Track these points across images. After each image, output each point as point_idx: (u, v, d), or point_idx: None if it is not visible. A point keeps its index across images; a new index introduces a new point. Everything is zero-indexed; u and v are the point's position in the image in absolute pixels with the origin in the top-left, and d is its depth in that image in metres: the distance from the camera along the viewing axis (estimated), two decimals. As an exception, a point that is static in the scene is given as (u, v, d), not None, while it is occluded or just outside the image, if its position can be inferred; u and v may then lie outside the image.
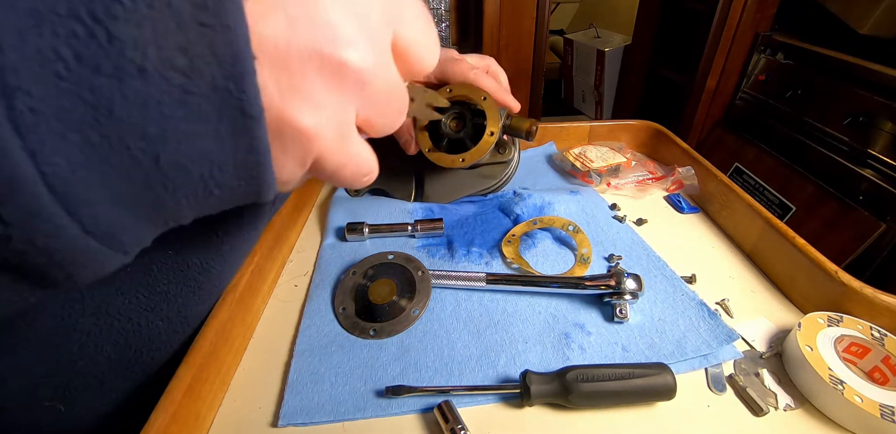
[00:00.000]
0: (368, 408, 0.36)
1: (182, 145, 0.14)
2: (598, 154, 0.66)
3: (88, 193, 0.13)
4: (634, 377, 0.35)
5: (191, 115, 0.14)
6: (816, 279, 0.43)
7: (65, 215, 0.12)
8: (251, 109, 0.14)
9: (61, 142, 0.12)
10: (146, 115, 0.13)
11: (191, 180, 0.15)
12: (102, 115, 0.12)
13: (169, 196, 0.15)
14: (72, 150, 0.12)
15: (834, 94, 1.13)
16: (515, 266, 0.50)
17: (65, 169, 0.12)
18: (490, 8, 1.58)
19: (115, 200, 0.13)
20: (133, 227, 0.14)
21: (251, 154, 0.15)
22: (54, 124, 0.12)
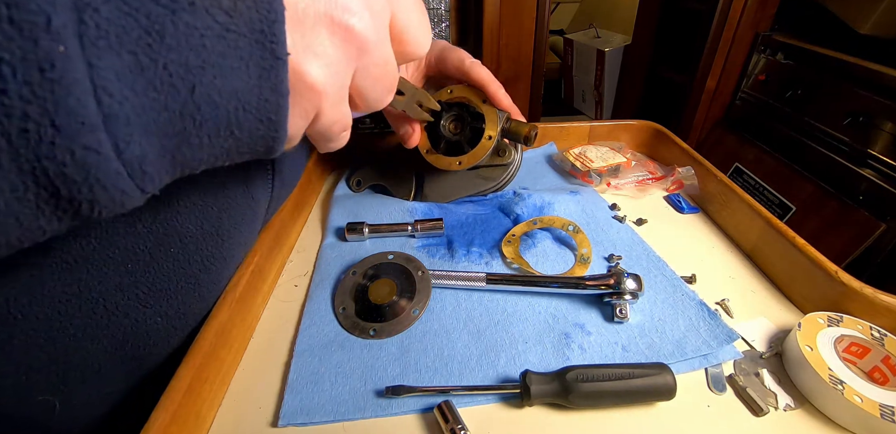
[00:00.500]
0: (368, 408, 0.36)
1: (217, 79, 0.15)
2: (598, 154, 0.66)
3: (128, 115, 0.14)
4: (634, 377, 0.35)
5: (228, 51, 0.15)
6: (816, 279, 0.43)
7: (104, 131, 0.13)
8: (279, 51, 0.16)
9: (116, 58, 0.13)
10: (190, 45, 0.14)
11: (217, 115, 0.16)
12: (154, 40, 0.14)
13: (194, 130, 0.16)
14: (123, 67, 0.13)
15: (834, 94, 1.13)
16: (515, 266, 0.50)
17: (114, 85, 0.13)
18: (490, 8, 1.58)
19: (147, 127, 0.15)
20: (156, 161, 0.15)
21: (273, 95, 0.17)
22: (113, 41, 0.13)
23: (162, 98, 0.15)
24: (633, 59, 1.93)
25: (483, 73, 0.49)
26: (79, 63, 0.12)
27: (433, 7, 1.67)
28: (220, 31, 0.15)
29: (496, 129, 0.50)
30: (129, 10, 0.13)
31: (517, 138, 0.52)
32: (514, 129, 0.51)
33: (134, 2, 0.13)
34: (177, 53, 0.14)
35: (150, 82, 0.14)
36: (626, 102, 2.06)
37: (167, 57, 0.14)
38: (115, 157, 0.14)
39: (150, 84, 0.14)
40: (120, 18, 0.13)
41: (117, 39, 0.13)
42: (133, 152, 0.14)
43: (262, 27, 0.16)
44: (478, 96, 0.50)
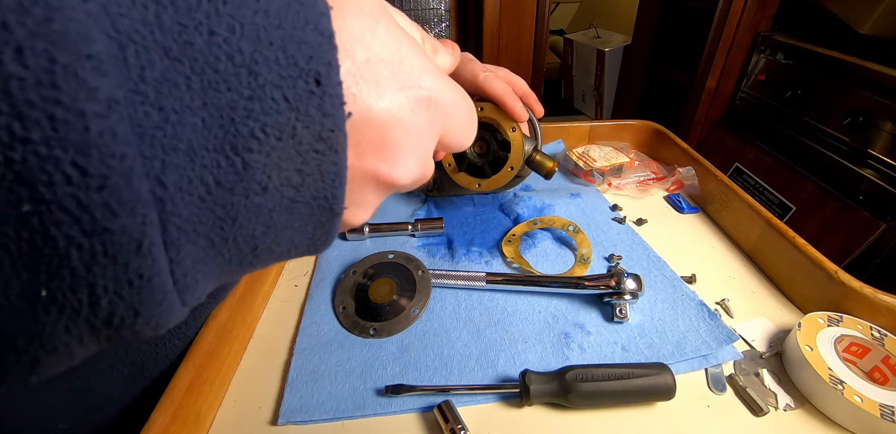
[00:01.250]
0: (368, 406, 0.36)
1: (277, 237, 0.17)
2: (601, 154, 0.66)
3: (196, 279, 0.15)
4: (634, 377, 0.35)
5: (291, 218, 0.16)
6: (816, 279, 0.43)
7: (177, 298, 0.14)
8: (338, 209, 0.17)
9: (192, 246, 0.14)
10: (259, 221, 0.15)
11: (270, 258, 0.17)
12: (227, 224, 0.14)
13: (248, 270, 0.17)
14: (198, 251, 0.14)
15: (834, 94, 1.13)
16: (515, 266, 0.50)
17: (188, 265, 0.14)
18: (490, 8, 1.58)
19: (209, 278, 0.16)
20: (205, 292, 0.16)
21: (325, 237, 0.18)
22: (191, 235, 0.14)
23: (227, 260, 0.16)
24: (633, 59, 1.93)
25: (497, 88, 0.46)
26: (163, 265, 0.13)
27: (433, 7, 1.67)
28: (287, 204, 0.16)
29: (520, 161, 0.48)
30: (206, 205, 0.14)
31: (538, 171, 0.50)
32: (537, 162, 0.49)
33: (211, 198, 0.14)
34: (246, 229, 0.15)
35: (219, 253, 0.15)
36: (626, 102, 2.06)
37: (236, 234, 0.15)
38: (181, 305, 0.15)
39: (219, 254, 0.15)
40: (198, 214, 0.14)
41: (195, 232, 0.14)
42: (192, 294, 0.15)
43: (325, 195, 0.16)
44: (507, 121, 0.47)
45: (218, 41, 0.13)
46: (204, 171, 0.13)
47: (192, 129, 0.13)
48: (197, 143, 0.13)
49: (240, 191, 0.14)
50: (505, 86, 0.46)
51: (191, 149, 0.13)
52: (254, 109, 0.13)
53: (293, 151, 0.15)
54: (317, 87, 0.14)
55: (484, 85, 0.45)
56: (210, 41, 0.13)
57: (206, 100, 0.13)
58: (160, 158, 0.12)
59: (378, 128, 0.18)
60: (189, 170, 0.13)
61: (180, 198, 0.13)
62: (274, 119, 0.14)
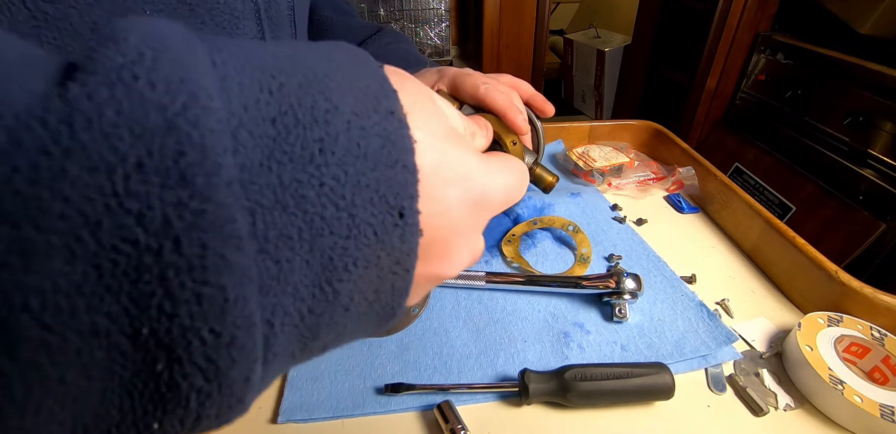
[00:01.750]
0: (367, 405, 0.36)
1: (342, 341, 0.17)
2: (601, 154, 0.66)
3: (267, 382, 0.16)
4: (633, 376, 0.35)
5: (360, 324, 0.17)
6: (816, 279, 0.43)
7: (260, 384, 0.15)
8: (399, 312, 0.18)
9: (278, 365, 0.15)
10: (335, 334, 0.16)
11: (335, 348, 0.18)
12: (309, 340, 0.15)
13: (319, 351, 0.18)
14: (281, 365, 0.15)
15: (834, 94, 1.13)
16: (515, 265, 0.50)
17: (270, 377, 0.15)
18: (490, 8, 1.58)
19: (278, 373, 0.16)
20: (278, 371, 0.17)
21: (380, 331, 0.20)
22: (281, 356, 0.15)
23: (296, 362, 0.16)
24: (633, 59, 1.93)
25: (499, 100, 0.45)
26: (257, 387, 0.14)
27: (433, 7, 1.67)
28: (360, 317, 0.17)
29: None
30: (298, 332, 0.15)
31: (537, 185, 0.49)
32: (537, 176, 0.48)
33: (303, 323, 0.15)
34: (322, 341, 0.16)
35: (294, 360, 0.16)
36: (626, 102, 2.06)
37: (314, 348, 0.16)
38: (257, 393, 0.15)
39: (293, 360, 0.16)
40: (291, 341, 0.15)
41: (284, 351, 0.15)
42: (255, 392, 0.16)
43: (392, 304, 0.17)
44: (508, 135, 0.44)
45: (326, 191, 0.14)
46: (301, 305, 0.14)
47: (299, 272, 0.14)
48: (301, 283, 0.14)
49: (327, 315, 0.15)
50: (506, 97, 0.45)
51: (296, 289, 0.14)
52: (349, 247, 0.14)
53: (375, 277, 0.16)
54: (400, 220, 0.15)
55: (485, 97, 0.45)
56: (320, 192, 0.14)
57: (312, 246, 0.14)
58: (272, 304, 0.13)
59: (441, 240, 0.19)
60: (291, 306, 0.14)
61: (281, 332, 0.14)
62: (363, 253, 0.15)
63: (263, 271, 0.13)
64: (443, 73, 0.49)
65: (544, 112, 0.53)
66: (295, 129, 0.13)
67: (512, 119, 0.45)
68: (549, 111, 0.53)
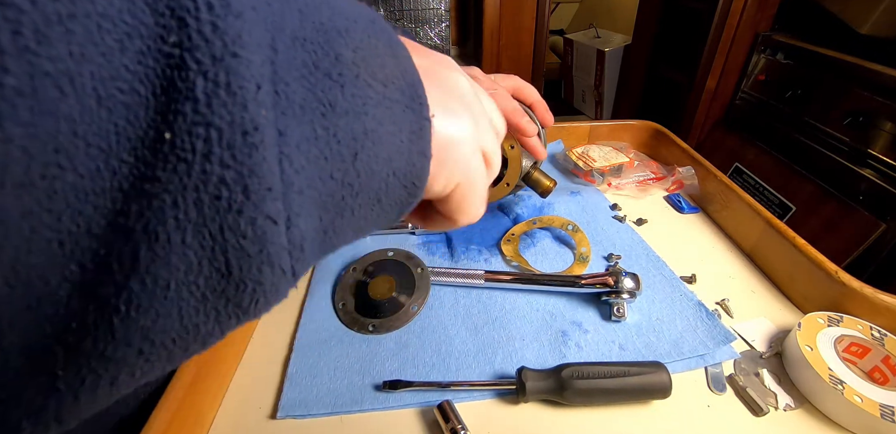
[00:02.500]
0: (366, 401, 0.36)
1: (376, 145, 0.17)
2: (600, 154, 0.66)
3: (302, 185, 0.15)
4: (630, 375, 0.34)
5: (386, 117, 0.17)
6: (816, 279, 0.43)
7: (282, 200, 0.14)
8: (426, 112, 0.19)
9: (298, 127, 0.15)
10: (356, 113, 0.16)
11: (371, 184, 0.18)
12: (328, 110, 0.16)
13: (350, 200, 0.17)
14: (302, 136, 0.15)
15: (834, 94, 1.13)
16: (514, 264, 0.49)
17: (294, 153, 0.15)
18: (490, 8, 1.58)
19: (314, 199, 0.16)
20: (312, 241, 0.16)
21: (420, 158, 0.19)
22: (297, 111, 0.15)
23: (329, 167, 0.16)
24: (633, 59, 1.93)
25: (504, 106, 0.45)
26: (273, 130, 0.14)
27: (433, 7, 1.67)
28: (379, 99, 0.17)
29: (516, 178, 0.47)
30: (309, 85, 0.15)
31: (535, 189, 0.48)
32: (534, 180, 0.48)
33: (312, 77, 0.15)
34: (345, 121, 0.16)
35: (322, 151, 0.16)
36: (626, 102, 2.06)
37: (337, 124, 0.16)
38: (286, 230, 0.15)
39: (322, 153, 0.16)
40: (303, 91, 0.15)
41: (301, 110, 0.15)
42: (299, 227, 0.15)
43: (410, 93, 0.18)
44: (507, 139, 0.45)
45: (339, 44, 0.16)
46: (304, 54, 0.15)
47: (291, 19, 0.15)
48: (298, 32, 0.15)
49: (335, 76, 0.16)
50: (512, 103, 0.45)
51: (294, 36, 0.15)
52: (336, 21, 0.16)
53: (372, 53, 0.17)
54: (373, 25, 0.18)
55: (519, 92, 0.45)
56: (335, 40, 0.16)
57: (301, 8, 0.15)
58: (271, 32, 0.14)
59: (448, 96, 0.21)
60: (293, 49, 0.15)
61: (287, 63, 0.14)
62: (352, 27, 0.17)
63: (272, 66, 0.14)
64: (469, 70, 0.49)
65: (544, 121, 0.53)
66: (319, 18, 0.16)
67: (516, 123, 0.45)
68: (548, 121, 0.53)
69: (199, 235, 0.13)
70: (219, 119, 0.12)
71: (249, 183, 0.13)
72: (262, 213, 0.13)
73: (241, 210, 0.13)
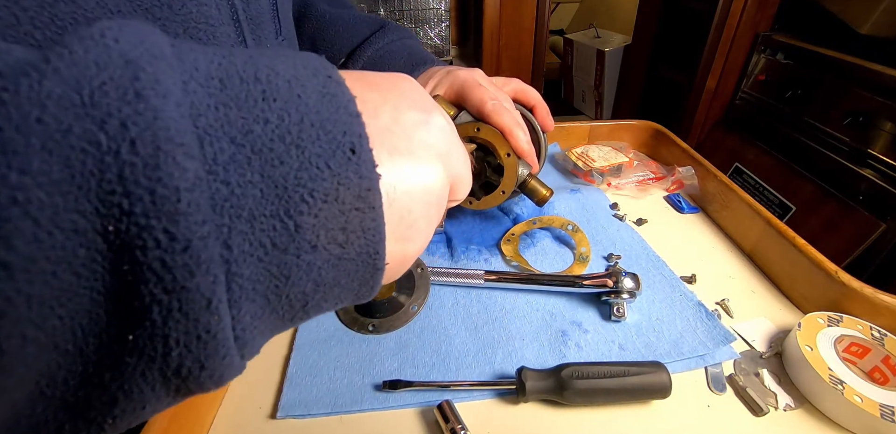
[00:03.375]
0: (366, 401, 0.36)
1: (325, 295, 0.18)
2: (600, 154, 0.66)
3: (254, 336, 0.17)
4: (629, 375, 0.34)
5: (339, 274, 0.18)
6: (816, 279, 0.43)
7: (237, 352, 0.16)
8: (380, 264, 0.19)
9: (251, 304, 0.16)
10: (309, 278, 0.17)
11: (318, 312, 0.19)
12: (281, 282, 0.16)
13: (297, 323, 0.19)
14: (256, 309, 0.16)
15: (834, 94, 1.13)
16: (514, 264, 0.49)
17: (247, 322, 0.16)
18: (490, 8, 1.58)
19: (263, 333, 0.17)
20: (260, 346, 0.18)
21: (367, 292, 0.20)
22: (250, 294, 0.15)
23: (280, 317, 0.18)
24: (633, 59, 1.93)
25: (505, 120, 0.44)
26: (227, 321, 0.15)
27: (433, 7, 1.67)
28: (335, 261, 0.17)
29: (512, 186, 0.46)
30: (264, 266, 0.16)
31: (531, 198, 0.47)
32: (531, 189, 0.47)
33: (268, 257, 0.16)
34: (298, 287, 0.17)
35: (274, 310, 0.17)
36: (626, 102, 2.06)
37: (289, 291, 0.17)
38: (240, 359, 0.17)
39: (274, 311, 0.17)
40: (257, 274, 0.15)
41: (254, 291, 0.16)
42: (250, 350, 0.17)
43: (367, 250, 0.18)
44: (503, 147, 0.45)
45: (272, 127, 0.16)
46: (262, 235, 0.15)
47: (253, 199, 0.15)
48: (257, 210, 0.15)
49: (293, 250, 0.16)
50: (511, 118, 0.44)
51: (252, 216, 0.15)
52: (303, 177, 0.16)
53: (337, 211, 0.17)
54: (353, 155, 0.17)
55: (491, 115, 0.44)
56: (265, 128, 0.15)
57: (263, 173, 0.15)
58: (227, 225, 0.14)
59: None
60: (250, 234, 0.15)
61: (243, 259, 0.15)
62: (320, 184, 0.16)
63: (215, 190, 0.14)
64: (451, 76, 0.48)
65: (545, 126, 0.52)
66: (240, 85, 0.16)
67: (515, 140, 0.45)
68: (549, 125, 0.53)
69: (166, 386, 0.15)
70: (175, 333, 0.14)
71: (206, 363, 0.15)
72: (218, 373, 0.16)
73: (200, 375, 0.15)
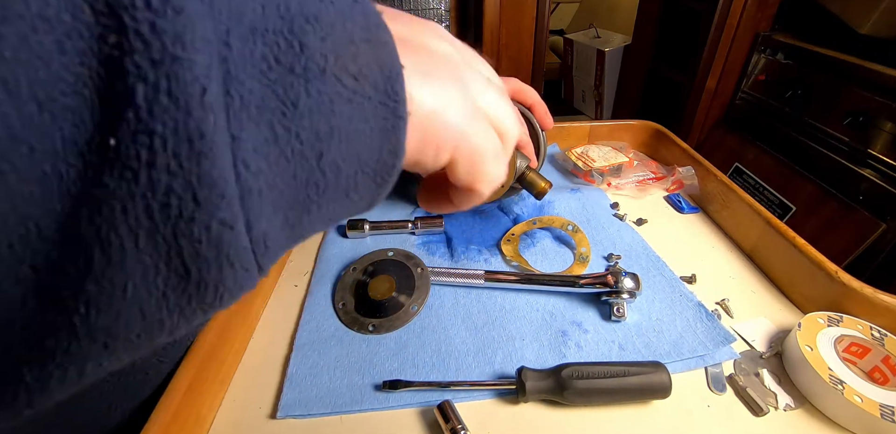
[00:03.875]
0: (366, 401, 0.36)
1: (343, 144, 0.16)
2: (600, 154, 0.66)
3: (261, 188, 0.14)
4: (630, 375, 0.34)
5: (355, 114, 0.16)
6: (816, 279, 0.43)
7: (240, 205, 0.14)
8: (401, 110, 0.17)
9: (255, 130, 0.14)
10: (321, 112, 0.15)
11: (339, 181, 0.17)
12: (289, 110, 0.15)
13: (316, 198, 0.17)
14: (260, 139, 0.14)
15: (834, 94, 1.13)
16: (514, 264, 0.50)
17: (251, 156, 0.14)
18: (490, 8, 1.58)
19: (276, 200, 0.15)
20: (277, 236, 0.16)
21: (391, 157, 0.18)
22: (253, 113, 0.14)
23: (291, 167, 0.15)
24: (633, 59, 1.93)
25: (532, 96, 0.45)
26: (224, 135, 0.13)
27: (433, 7, 1.67)
28: (348, 95, 0.16)
29: (511, 179, 0.46)
30: (268, 82, 0.14)
31: (529, 190, 0.47)
32: (530, 181, 0.47)
33: (272, 73, 0.14)
34: (309, 121, 0.15)
35: (283, 152, 0.15)
36: (626, 102, 2.06)
37: (300, 125, 0.15)
38: (246, 232, 0.14)
39: (283, 154, 0.15)
40: (260, 90, 0.14)
41: (257, 111, 0.14)
42: (261, 227, 0.15)
43: (385, 88, 0.17)
44: None
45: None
46: (264, 48, 0.14)
47: (253, 12, 0.14)
48: (258, 24, 0.14)
49: (299, 71, 0.15)
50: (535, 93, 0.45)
51: (252, 27, 0.14)
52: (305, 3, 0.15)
53: (346, 39, 0.16)
54: None
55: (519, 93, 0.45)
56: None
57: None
58: (226, 24, 0.13)
59: None
60: (251, 42, 0.14)
61: (242, 64, 0.14)
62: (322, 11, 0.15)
63: None
64: None
65: (543, 124, 0.52)
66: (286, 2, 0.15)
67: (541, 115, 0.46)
68: (548, 124, 0.53)
69: (152, 241, 0.13)
70: (161, 127, 0.12)
71: (199, 191, 0.13)
72: (216, 220, 0.13)
73: (193, 217, 0.13)
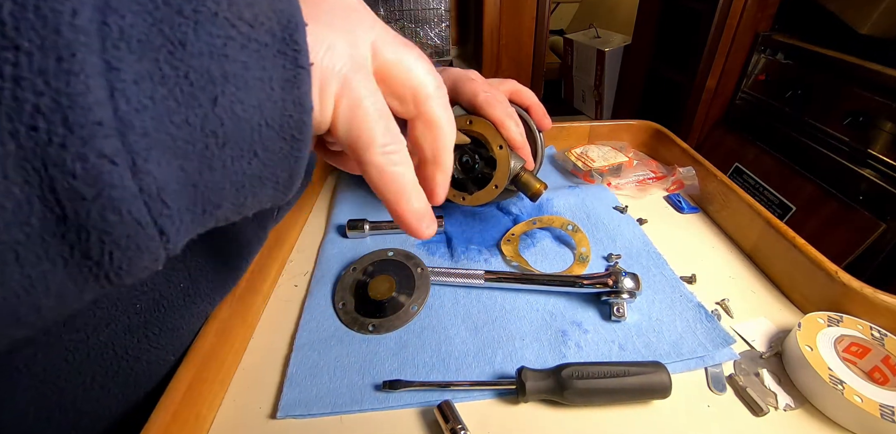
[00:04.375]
0: (366, 401, 0.36)
1: (240, 91, 0.16)
2: (599, 153, 0.66)
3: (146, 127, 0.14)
4: (630, 375, 0.34)
5: (251, 61, 0.16)
6: (816, 279, 0.43)
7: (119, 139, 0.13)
8: (302, 60, 0.17)
9: (136, 63, 0.13)
10: (212, 54, 0.15)
11: (240, 133, 0.16)
12: (176, 48, 0.14)
13: (217, 150, 0.16)
14: (143, 73, 0.14)
15: (834, 94, 1.13)
16: (514, 264, 0.50)
17: (132, 89, 0.13)
18: (490, 8, 1.58)
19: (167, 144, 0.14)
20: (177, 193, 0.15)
21: (297, 110, 0.17)
22: (134, 45, 0.13)
23: (183, 110, 0.14)
24: (633, 59, 1.93)
25: (497, 112, 0.43)
26: (97, 59, 0.12)
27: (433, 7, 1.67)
28: (242, 40, 0.15)
29: (505, 180, 0.46)
30: (152, 21, 0.14)
31: (524, 192, 0.47)
32: (524, 182, 0.47)
33: (157, 12, 0.14)
34: (198, 61, 0.14)
35: (171, 91, 0.14)
36: (626, 102, 2.06)
37: (188, 64, 0.14)
38: (130, 174, 0.13)
39: (171, 93, 0.14)
40: (143, 26, 0.13)
41: (139, 44, 0.13)
42: (151, 172, 0.14)
43: (283, 36, 0.16)
44: (496, 139, 0.45)
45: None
46: None
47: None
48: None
49: (188, 13, 0.14)
50: (504, 110, 0.44)
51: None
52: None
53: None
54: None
55: (483, 106, 0.44)
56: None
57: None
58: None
59: None
60: None
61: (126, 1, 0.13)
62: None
63: None
64: (445, 72, 0.48)
65: (541, 125, 0.52)
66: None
67: (507, 131, 0.44)
68: (546, 125, 0.53)
69: (22, 170, 0.12)
70: (27, 42, 0.11)
71: (70, 114, 0.12)
72: (93, 150, 0.12)
73: (65, 144, 0.12)
